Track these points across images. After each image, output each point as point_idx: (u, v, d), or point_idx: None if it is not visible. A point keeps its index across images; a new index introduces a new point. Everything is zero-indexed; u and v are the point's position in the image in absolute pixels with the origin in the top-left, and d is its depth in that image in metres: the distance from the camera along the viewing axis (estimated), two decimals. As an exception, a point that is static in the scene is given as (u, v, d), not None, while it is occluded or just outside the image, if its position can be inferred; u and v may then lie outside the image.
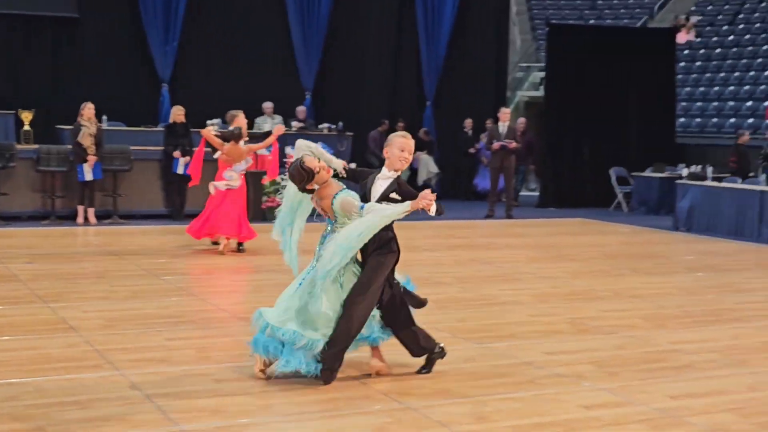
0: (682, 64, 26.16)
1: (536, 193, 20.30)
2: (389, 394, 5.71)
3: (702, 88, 24.80)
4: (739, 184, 15.51)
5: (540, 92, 23.42)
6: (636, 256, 12.57)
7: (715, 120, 22.67)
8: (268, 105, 17.86)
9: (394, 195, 5.94)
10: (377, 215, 5.72)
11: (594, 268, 11.28)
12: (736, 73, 24.74)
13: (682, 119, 22.89)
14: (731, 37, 27.18)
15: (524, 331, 7.64)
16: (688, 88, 25.05)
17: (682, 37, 27.11)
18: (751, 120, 21.75)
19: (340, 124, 18.22)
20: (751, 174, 16.97)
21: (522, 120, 19.36)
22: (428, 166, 19.60)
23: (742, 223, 14.88)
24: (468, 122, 20.16)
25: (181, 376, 6.00)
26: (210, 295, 8.85)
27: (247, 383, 5.87)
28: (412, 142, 6.06)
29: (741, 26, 27.94)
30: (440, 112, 20.42)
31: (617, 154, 19.41)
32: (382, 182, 6.01)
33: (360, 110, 19.74)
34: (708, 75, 25.46)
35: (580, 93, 19.48)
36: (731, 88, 24.04)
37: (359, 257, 6.02)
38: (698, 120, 23.05)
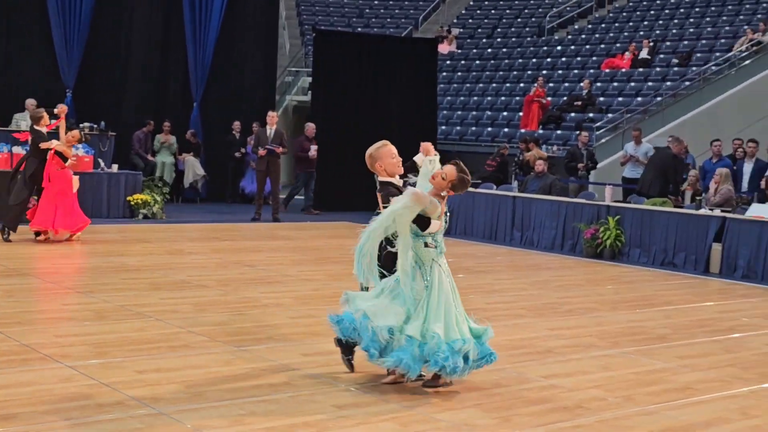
0: (444, 74, 27.20)
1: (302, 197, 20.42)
2: (142, 400, 5.60)
3: (462, 98, 25.86)
4: (493, 190, 16.28)
5: (309, 97, 23.62)
6: (396, 258, 12.91)
7: (473, 128, 23.67)
8: (30, 102, 17.02)
9: None
10: None
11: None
12: (494, 84, 25.98)
13: (443, 127, 23.76)
14: (489, 50, 28.54)
15: (284, 333, 7.70)
16: (449, 98, 26.05)
17: (444, 48, 28.18)
18: (506, 129, 22.87)
19: (102, 123, 17.65)
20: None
21: (311, 125, 19.24)
22: (194, 168, 19.35)
23: (495, 227, 15.64)
24: (236, 125, 20.07)
25: None
26: (-46, 301, 8.36)
27: (-11, 393, 5.60)
28: (393, 147, 6.53)
29: (498, 40, 29.39)
30: (207, 113, 20.19)
31: (381, 159, 19.84)
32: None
33: (124, 110, 19.25)
34: (468, 85, 26.60)
35: (345, 98, 19.84)
36: (489, 98, 25.21)
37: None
38: (458, 128, 24.00)
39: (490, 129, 23.25)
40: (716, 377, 6.99)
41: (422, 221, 6.15)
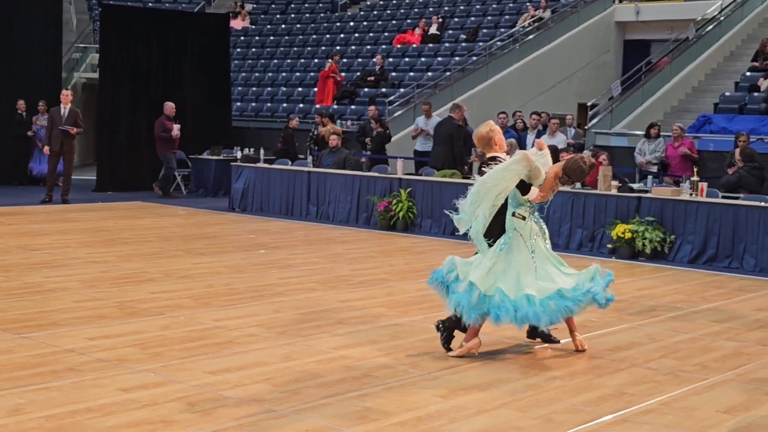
0: (238, 50, 26.95)
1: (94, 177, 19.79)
2: None
3: (257, 74, 25.71)
4: (288, 166, 16.31)
5: (98, 74, 22.84)
6: (190, 237, 12.78)
7: (269, 104, 23.60)
8: None
9: None
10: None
11: (147, 250, 11.29)
12: (288, 60, 25.96)
13: (238, 103, 23.56)
14: (283, 26, 28.48)
15: (68, 318, 7.48)
16: (244, 74, 25.84)
17: (237, 24, 27.91)
18: (301, 105, 22.93)
19: None
20: (301, 156, 17.92)
21: (171, 104, 18.36)
22: (-25, 150, 18.40)
23: (291, 202, 15.69)
24: (21, 104, 19.19)
25: None
26: None
27: None
28: None
29: (292, 15, 29.38)
30: (-11, 92, 19.22)
31: (176, 137, 19.46)
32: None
33: None
34: (262, 61, 26.46)
35: (135, 75, 19.30)
36: (284, 74, 25.17)
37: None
38: (253, 104, 23.85)
39: (285, 105, 23.22)
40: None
41: (523, 186, 6.60)
